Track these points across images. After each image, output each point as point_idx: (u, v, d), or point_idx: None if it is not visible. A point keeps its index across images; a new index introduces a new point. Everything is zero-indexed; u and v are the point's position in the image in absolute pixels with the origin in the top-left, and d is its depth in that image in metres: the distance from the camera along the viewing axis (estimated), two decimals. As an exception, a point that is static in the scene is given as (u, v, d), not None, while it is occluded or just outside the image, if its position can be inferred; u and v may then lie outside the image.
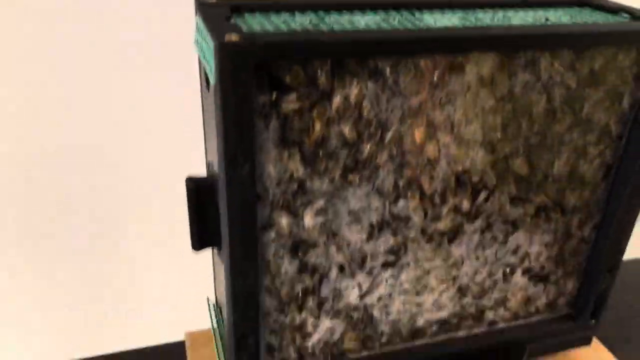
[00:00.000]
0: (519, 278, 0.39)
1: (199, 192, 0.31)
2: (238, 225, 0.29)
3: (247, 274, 0.31)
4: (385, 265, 0.34)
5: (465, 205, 0.34)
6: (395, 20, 0.31)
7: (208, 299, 0.42)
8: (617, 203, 0.37)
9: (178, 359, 0.49)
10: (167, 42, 0.50)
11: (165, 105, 0.54)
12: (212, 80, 0.26)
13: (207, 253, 0.40)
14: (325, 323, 0.35)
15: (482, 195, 0.34)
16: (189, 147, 0.49)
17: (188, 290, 0.60)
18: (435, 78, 0.29)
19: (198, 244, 0.33)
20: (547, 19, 0.34)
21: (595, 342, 0.45)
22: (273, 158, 0.29)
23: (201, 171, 0.35)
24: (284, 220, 0.31)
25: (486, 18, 0.33)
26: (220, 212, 0.31)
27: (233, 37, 0.24)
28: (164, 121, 0.54)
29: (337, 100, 0.28)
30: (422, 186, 0.33)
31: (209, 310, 0.41)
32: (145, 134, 0.55)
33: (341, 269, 0.34)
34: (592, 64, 0.32)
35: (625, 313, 0.58)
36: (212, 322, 0.40)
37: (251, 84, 0.26)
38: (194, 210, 0.32)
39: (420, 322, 0.38)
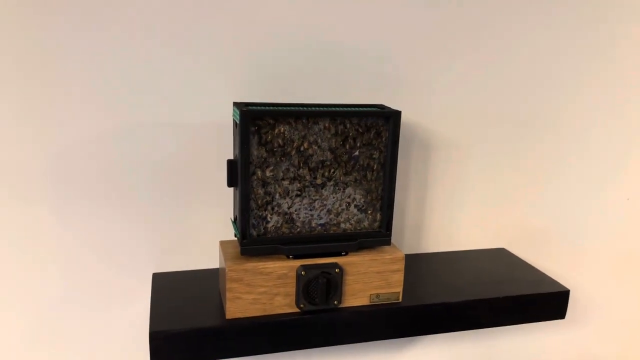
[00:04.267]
0: (353, 209, 0.98)
1: (231, 163, 0.92)
2: (243, 173, 0.89)
3: (246, 192, 0.90)
4: (297, 196, 0.94)
5: (326, 174, 0.94)
6: (298, 108, 0.94)
7: (231, 218, 1.01)
8: (388, 178, 0.97)
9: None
10: (223, 115, 1.13)
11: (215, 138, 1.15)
12: (238, 121, 0.88)
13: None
14: (275, 218, 0.94)
15: (332, 171, 0.94)
16: (226, 153, 1.09)
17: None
18: (309, 125, 0.91)
19: (229, 184, 0.93)
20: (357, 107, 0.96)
21: (393, 244, 1.02)
22: (255, 149, 0.90)
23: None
24: (259, 172, 0.91)
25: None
26: (239, 170, 0.91)
27: (244, 109, 0.87)
28: (216, 144, 1.15)
29: (277, 130, 0.90)
30: (308, 164, 0.93)
31: (231, 221, 1.00)
32: (206, 149, 1.15)
33: (280, 195, 0.93)
34: (367, 122, 0.94)
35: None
36: (232, 224, 0.99)
37: (249, 123, 0.87)
38: (230, 170, 0.92)
39: (313, 224, 0.96)
